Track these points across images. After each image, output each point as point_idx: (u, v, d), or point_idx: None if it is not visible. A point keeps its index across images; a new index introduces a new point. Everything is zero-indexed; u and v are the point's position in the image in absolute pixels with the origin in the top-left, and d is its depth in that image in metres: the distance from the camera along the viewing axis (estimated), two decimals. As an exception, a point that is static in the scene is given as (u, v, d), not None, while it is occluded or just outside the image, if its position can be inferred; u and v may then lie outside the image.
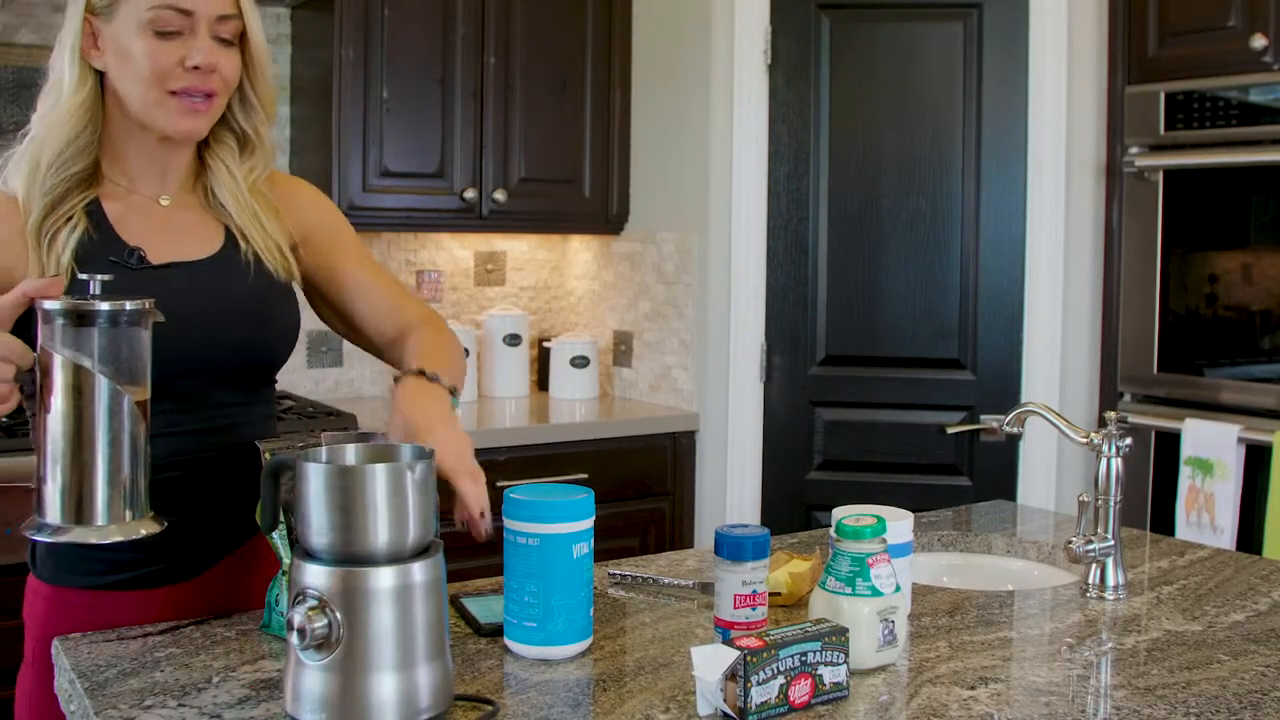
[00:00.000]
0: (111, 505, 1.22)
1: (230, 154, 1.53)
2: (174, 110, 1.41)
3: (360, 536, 1.09)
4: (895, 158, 3.18)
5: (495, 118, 3.31)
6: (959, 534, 1.96)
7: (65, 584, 1.45)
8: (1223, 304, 2.77)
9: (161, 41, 1.39)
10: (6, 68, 2.95)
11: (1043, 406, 1.77)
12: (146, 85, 1.40)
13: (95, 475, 1.21)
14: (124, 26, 1.40)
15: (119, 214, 1.45)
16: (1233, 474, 2.66)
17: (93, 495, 1.21)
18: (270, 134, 1.56)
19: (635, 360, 3.58)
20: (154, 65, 1.39)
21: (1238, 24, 2.69)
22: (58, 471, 1.21)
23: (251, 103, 1.52)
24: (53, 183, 1.41)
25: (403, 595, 1.10)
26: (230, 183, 1.52)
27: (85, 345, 1.19)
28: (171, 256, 1.45)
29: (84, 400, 1.20)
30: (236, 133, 1.53)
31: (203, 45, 1.40)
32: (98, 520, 1.21)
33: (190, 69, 1.40)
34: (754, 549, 1.35)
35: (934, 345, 3.18)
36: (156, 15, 1.38)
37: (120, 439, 1.22)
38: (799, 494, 3.27)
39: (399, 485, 1.10)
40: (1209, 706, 1.20)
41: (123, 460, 1.22)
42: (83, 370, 1.19)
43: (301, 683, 1.10)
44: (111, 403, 1.21)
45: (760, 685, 1.15)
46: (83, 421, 1.20)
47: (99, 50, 1.42)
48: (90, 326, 1.19)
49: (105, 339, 1.20)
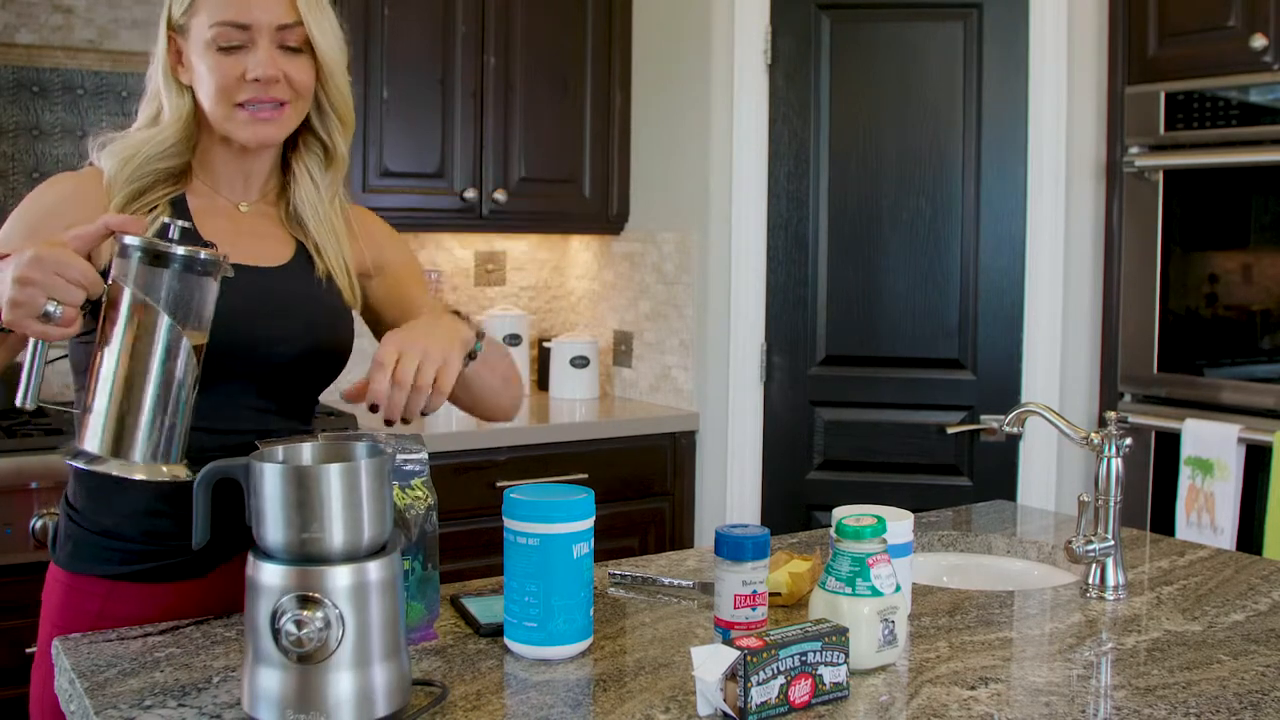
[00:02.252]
0: (149, 444, 1.23)
1: (316, 163, 1.55)
2: (242, 121, 1.44)
3: (314, 536, 1.09)
4: (895, 158, 3.18)
5: (495, 118, 3.31)
6: (959, 534, 1.96)
7: (81, 571, 1.46)
8: (1223, 304, 2.77)
9: (224, 56, 1.42)
10: (6, 68, 2.95)
11: (1043, 406, 1.77)
12: (214, 100, 1.44)
13: (140, 412, 1.22)
14: (195, 44, 1.44)
15: (200, 210, 1.49)
16: (1233, 474, 2.66)
17: (134, 431, 1.22)
18: (347, 145, 1.57)
19: (635, 360, 3.58)
20: (218, 81, 1.43)
21: (1238, 24, 2.69)
22: (104, 402, 1.21)
23: (326, 110, 1.53)
24: (144, 172, 1.45)
25: (358, 594, 1.10)
26: (312, 193, 1.55)
27: (156, 285, 1.21)
28: (242, 260, 1.46)
29: (144, 337, 1.21)
30: (322, 141, 1.55)
31: (262, 57, 1.42)
32: (134, 457, 1.22)
33: (251, 81, 1.42)
34: (754, 549, 1.35)
35: (934, 345, 3.18)
36: (218, 32, 1.42)
37: (171, 381, 1.22)
38: (799, 494, 3.27)
39: (353, 484, 1.10)
40: (1209, 706, 1.20)
41: (168, 402, 1.23)
42: (149, 308, 1.21)
43: (258, 682, 1.10)
44: (170, 344, 1.22)
45: (760, 685, 1.15)
46: (137, 358, 1.21)
47: (183, 66, 1.47)
48: (164, 267, 1.21)
49: (176, 282, 1.22)
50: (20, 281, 1.15)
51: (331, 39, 1.48)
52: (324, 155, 1.56)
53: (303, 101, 1.48)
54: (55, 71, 3.01)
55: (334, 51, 1.49)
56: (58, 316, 1.17)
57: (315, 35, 1.46)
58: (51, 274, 1.16)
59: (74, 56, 3.04)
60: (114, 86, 3.09)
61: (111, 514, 1.45)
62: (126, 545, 1.45)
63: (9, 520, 2.45)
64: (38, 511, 2.47)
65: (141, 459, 1.22)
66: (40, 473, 2.48)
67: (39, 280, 1.15)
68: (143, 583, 1.46)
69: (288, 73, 1.44)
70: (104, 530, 1.46)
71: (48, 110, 2.99)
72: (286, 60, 1.44)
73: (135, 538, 1.45)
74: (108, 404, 1.21)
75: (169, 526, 1.44)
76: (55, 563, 1.50)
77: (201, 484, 1.16)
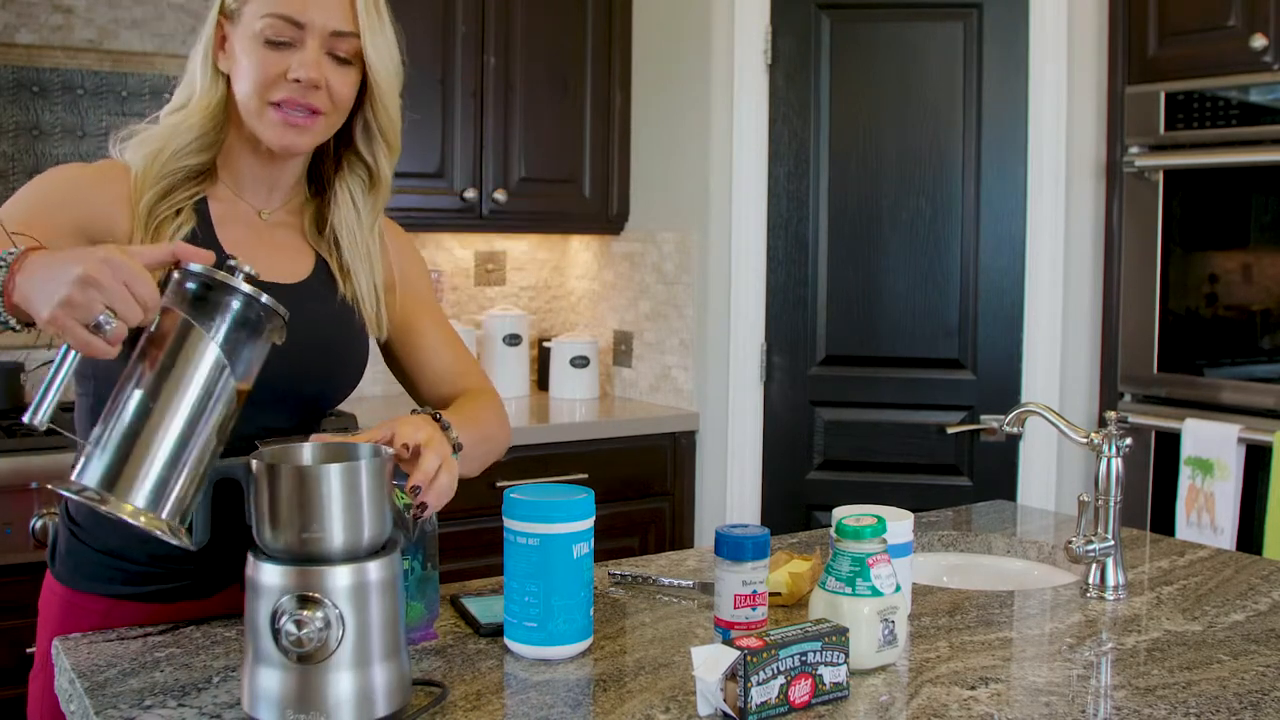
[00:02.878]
0: (158, 489, 1.10)
1: (360, 186, 1.50)
2: (272, 122, 1.38)
3: (315, 536, 1.09)
4: (895, 158, 3.18)
5: (495, 118, 3.31)
6: (959, 534, 1.96)
7: (82, 589, 1.44)
8: (1223, 304, 2.77)
9: (270, 51, 1.37)
10: (6, 68, 2.95)
11: (1043, 406, 1.77)
12: (249, 93, 1.38)
13: (159, 449, 1.10)
14: (244, 31, 1.38)
15: (221, 216, 1.44)
16: (1233, 474, 2.66)
17: (147, 470, 1.09)
18: (391, 169, 1.51)
19: (635, 360, 3.58)
20: (259, 74, 1.37)
21: (1238, 24, 2.69)
22: (120, 431, 1.09)
23: (374, 133, 1.47)
24: (171, 169, 1.39)
25: (358, 594, 1.10)
26: (351, 217, 1.49)
27: (213, 318, 1.13)
28: (261, 274, 1.42)
29: (188, 373, 1.11)
30: (367, 164, 1.49)
31: (309, 59, 1.36)
32: (136, 500, 1.09)
33: (292, 81, 1.36)
34: (754, 549, 1.35)
35: (934, 345, 3.18)
36: (269, 24, 1.36)
37: (203, 423, 1.12)
38: (799, 494, 3.27)
39: (353, 484, 1.10)
40: (1209, 706, 1.20)
41: (193, 447, 1.11)
42: (202, 341, 1.11)
43: (258, 682, 1.10)
44: (215, 386, 1.12)
45: (760, 685, 1.15)
46: (173, 393, 1.10)
47: (224, 53, 1.41)
48: (224, 302, 1.13)
49: (233, 322, 1.14)
50: (84, 281, 1.02)
51: (387, 58, 1.42)
52: (368, 178, 1.50)
53: (338, 115, 1.42)
54: (55, 71, 3.01)
55: (388, 71, 1.43)
56: (109, 331, 1.04)
57: (369, 51, 1.40)
58: (120, 283, 1.04)
59: (74, 56, 3.04)
60: (114, 86, 3.09)
61: (118, 534, 1.41)
62: (131, 566, 1.42)
63: (9, 520, 2.46)
64: (38, 511, 2.47)
65: (144, 504, 1.09)
66: (40, 473, 2.48)
67: (106, 286, 1.03)
68: (144, 603, 1.43)
69: (330, 82, 1.38)
70: (109, 550, 1.43)
71: (48, 110, 2.99)
72: (332, 69, 1.38)
73: (141, 560, 1.43)
74: (124, 434, 1.09)
75: (176, 550, 1.41)
76: (54, 575, 1.47)
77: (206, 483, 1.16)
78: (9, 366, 2.91)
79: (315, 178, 1.53)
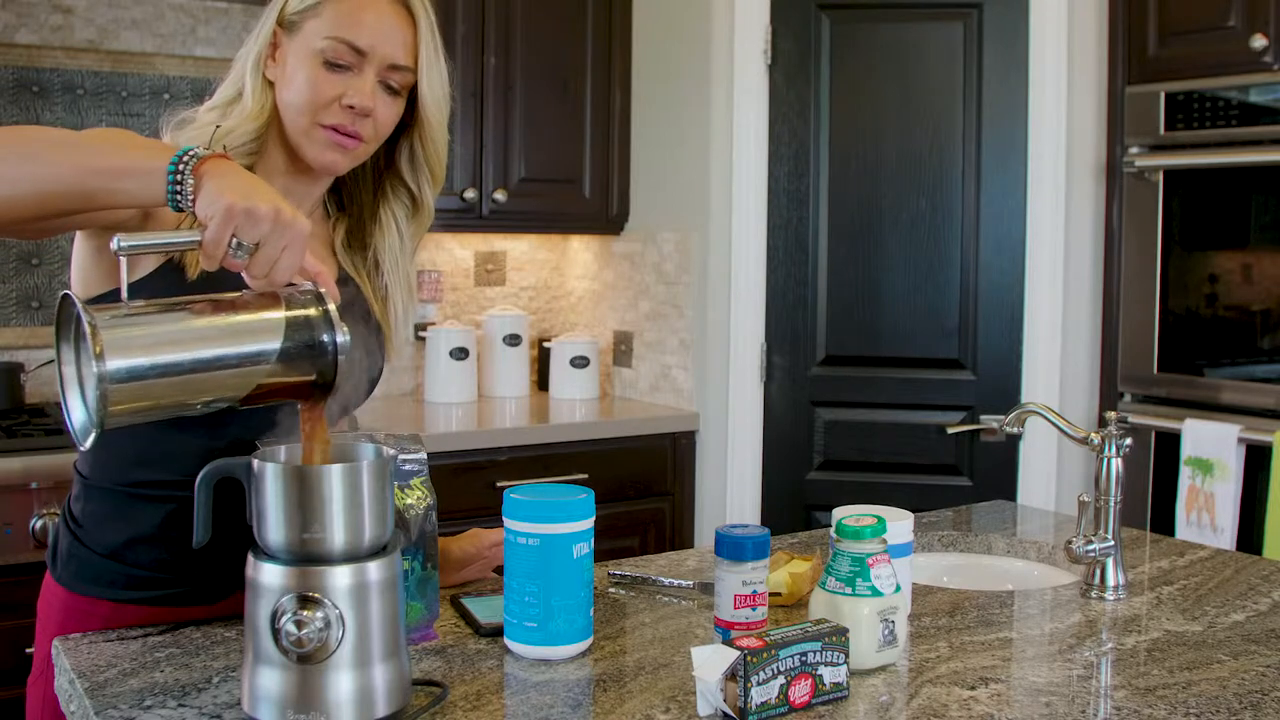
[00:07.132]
0: (136, 377, 1.07)
1: (404, 213, 1.51)
2: (319, 142, 1.39)
3: (315, 536, 1.09)
4: (895, 158, 3.18)
5: (495, 118, 3.31)
6: (959, 534, 1.96)
7: (83, 592, 1.43)
8: (1223, 304, 2.77)
9: (328, 73, 1.37)
10: (6, 68, 2.95)
11: (1043, 406, 1.77)
12: (299, 111, 1.38)
13: (170, 355, 1.09)
14: (301, 46, 1.38)
15: None
16: (1233, 474, 2.66)
17: (144, 358, 1.07)
18: (434, 197, 1.52)
19: (635, 360, 3.58)
20: (313, 95, 1.37)
21: (1238, 24, 2.69)
22: (158, 319, 1.10)
23: (420, 162, 1.49)
24: None
25: (358, 594, 1.10)
26: (395, 243, 1.51)
27: (295, 330, 1.14)
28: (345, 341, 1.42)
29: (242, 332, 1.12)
30: (411, 192, 1.50)
31: (365, 88, 1.37)
32: (111, 365, 1.04)
33: (345, 107, 1.37)
34: (754, 549, 1.35)
35: (934, 345, 3.18)
36: (332, 46, 1.37)
37: (215, 373, 1.11)
38: (799, 494, 3.27)
39: (354, 485, 1.10)
40: (1209, 707, 1.20)
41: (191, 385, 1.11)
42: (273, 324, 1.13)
43: (258, 682, 1.10)
44: (249, 358, 1.12)
45: (760, 685, 1.15)
46: (222, 332, 1.11)
47: (275, 62, 1.41)
48: (314, 329, 1.15)
49: (303, 345, 1.15)
50: (265, 217, 1.07)
51: (440, 93, 1.44)
52: (411, 205, 1.51)
53: (377, 143, 1.44)
54: (55, 71, 3.01)
55: (439, 106, 1.45)
56: (238, 257, 1.09)
57: (424, 88, 1.42)
58: (282, 243, 1.09)
59: (74, 56, 3.04)
60: (114, 86, 3.08)
61: (126, 530, 1.40)
62: (134, 570, 1.42)
63: (9, 520, 2.46)
64: (38, 511, 2.47)
65: (111, 375, 1.04)
66: (40, 473, 2.48)
67: (274, 234, 1.08)
68: (146, 607, 1.43)
69: (378, 112, 1.39)
70: (112, 553, 1.42)
71: (48, 110, 2.99)
72: (381, 98, 1.39)
73: (145, 563, 1.41)
74: (156, 323, 1.09)
75: (181, 553, 1.39)
76: (55, 578, 1.46)
77: (203, 483, 1.15)
78: (9, 366, 2.91)
79: (332, 189, 1.54)
